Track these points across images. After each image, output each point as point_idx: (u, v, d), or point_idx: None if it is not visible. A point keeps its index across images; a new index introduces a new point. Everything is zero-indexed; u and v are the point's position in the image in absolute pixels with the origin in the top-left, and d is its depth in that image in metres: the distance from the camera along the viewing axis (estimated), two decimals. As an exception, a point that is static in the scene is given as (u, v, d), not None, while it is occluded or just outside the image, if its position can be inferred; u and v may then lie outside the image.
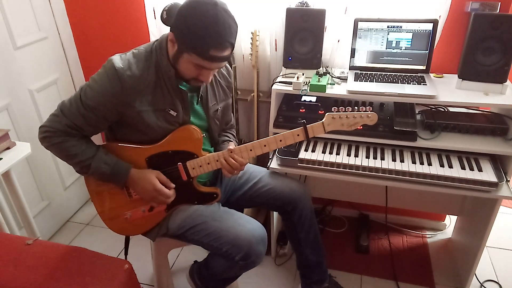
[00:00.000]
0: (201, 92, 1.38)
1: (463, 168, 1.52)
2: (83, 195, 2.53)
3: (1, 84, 1.84)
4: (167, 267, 1.66)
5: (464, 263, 1.90)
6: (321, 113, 1.72)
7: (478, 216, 1.76)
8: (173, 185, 1.37)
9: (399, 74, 1.70)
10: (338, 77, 1.74)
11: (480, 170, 1.51)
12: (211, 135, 1.48)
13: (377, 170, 1.56)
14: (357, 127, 1.33)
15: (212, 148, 1.51)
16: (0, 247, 1.34)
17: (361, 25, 1.70)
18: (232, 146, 1.41)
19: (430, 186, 1.53)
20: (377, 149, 1.65)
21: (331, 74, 1.75)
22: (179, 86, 1.30)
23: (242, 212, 1.51)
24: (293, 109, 1.77)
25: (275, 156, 1.68)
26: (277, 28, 1.88)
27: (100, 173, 1.31)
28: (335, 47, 1.86)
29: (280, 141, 1.34)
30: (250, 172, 1.62)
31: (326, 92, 1.63)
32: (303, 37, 1.73)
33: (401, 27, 1.67)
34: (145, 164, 1.36)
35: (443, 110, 1.74)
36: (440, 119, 1.63)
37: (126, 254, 1.62)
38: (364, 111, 1.31)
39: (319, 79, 1.67)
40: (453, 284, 1.91)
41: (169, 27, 1.21)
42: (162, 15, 1.20)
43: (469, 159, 1.57)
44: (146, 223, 1.44)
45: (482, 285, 1.90)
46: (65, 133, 1.27)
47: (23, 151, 1.61)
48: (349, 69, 1.78)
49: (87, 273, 1.25)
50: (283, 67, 1.83)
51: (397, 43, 1.70)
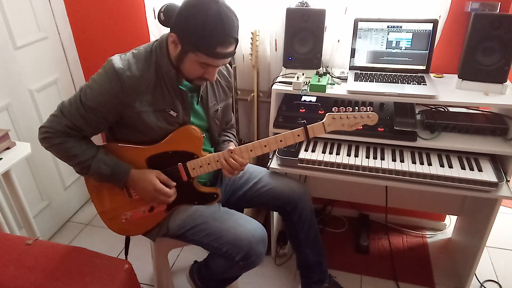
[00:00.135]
0: (201, 92, 1.38)
1: (463, 168, 1.52)
2: (83, 195, 2.53)
3: (1, 84, 1.84)
4: (167, 267, 1.66)
5: (464, 263, 1.90)
6: (321, 113, 1.72)
7: (478, 216, 1.76)
8: (174, 184, 1.37)
9: (399, 74, 1.70)
10: (338, 77, 1.74)
11: (480, 170, 1.51)
12: (211, 135, 1.48)
13: (377, 170, 1.56)
14: (358, 127, 1.33)
15: (212, 148, 1.51)
16: (0, 247, 1.34)
17: (361, 25, 1.70)
18: (232, 146, 1.41)
19: (430, 186, 1.53)
20: (377, 149, 1.65)
21: (331, 74, 1.75)
22: (179, 87, 1.30)
23: (242, 212, 1.51)
24: (293, 109, 1.77)
25: (275, 156, 1.68)
26: (277, 28, 1.88)
27: (100, 174, 1.31)
28: (335, 47, 1.86)
29: (281, 141, 1.34)
30: (250, 172, 1.62)
31: (326, 92, 1.63)
32: (303, 37, 1.73)
33: (401, 27, 1.67)
34: (145, 165, 1.36)
35: (443, 110, 1.74)
36: (440, 119, 1.63)
37: (127, 254, 1.62)
38: (364, 111, 1.31)
39: (319, 79, 1.67)
40: (453, 284, 1.91)
41: (168, 28, 1.21)
42: (159, 16, 1.19)
43: (469, 159, 1.57)
44: (146, 223, 1.44)
45: (482, 285, 1.90)
46: (65, 133, 1.27)
47: (23, 151, 1.61)
48: (349, 69, 1.78)
49: (87, 273, 1.25)
50: (283, 67, 1.83)
51: (397, 43, 1.70)
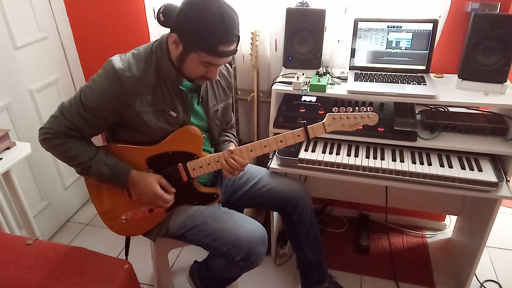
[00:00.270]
0: (201, 93, 1.38)
1: (463, 168, 1.52)
2: (83, 195, 2.53)
3: (1, 84, 1.84)
4: (167, 267, 1.66)
5: (464, 263, 1.90)
6: (321, 113, 1.72)
7: (478, 216, 1.76)
8: (174, 190, 1.37)
9: (399, 74, 1.70)
10: (338, 77, 1.74)
11: (480, 170, 1.51)
12: (211, 135, 1.48)
13: (377, 170, 1.56)
14: (358, 127, 1.33)
15: (213, 148, 1.50)
16: (0, 247, 1.34)
17: (361, 25, 1.70)
18: (232, 146, 1.41)
19: (430, 186, 1.53)
20: (377, 149, 1.65)
21: (331, 74, 1.75)
22: (179, 87, 1.30)
23: (242, 212, 1.51)
24: (293, 109, 1.77)
25: (275, 156, 1.68)
26: (277, 28, 1.88)
27: (100, 175, 1.31)
28: (335, 47, 1.86)
29: (281, 141, 1.34)
30: (250, 172, 1.62)
31: (326, 92, 1.63)
32: (303, 37, 1.73)
33: (401, 27, 1.67)
34: (145, 165, 1.36)
35: (443, 110, 1.74)
36: (440, 119, 1.63)
37: (127, 254, 1.62)
38: (364, 111, 1.30)
39: (319, 79, 1.67)
40: (453, 284, 1.91)
41: (168, 29, 1.21)
42: (158, 17, 1.19)
43: (469, 159, 1.57)
44: (146, 223, 1.44)
45: (482, 285, 1.90)
46: (65, 134, 1.27)
47: (23, 151, 1.61)
48: (349, 69, 1.78)
49: (87, 273, 1.25)
50: (283, 67, 1.83)
51: (397, 43, 1.69)
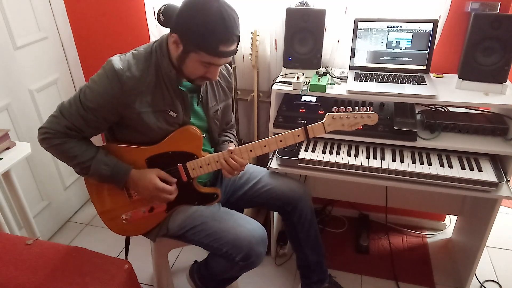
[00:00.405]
0: (201, 93, 1.38)
1: (463, 168, 1.52)
2: (83, 195, 2.53)
3: (1, 84, 1.84)
4: (167, 267, 1.66)
5: (464, 263, 1.90)
6: (321, 113, 1.72)
7: (478, 216, 1.76)
8: (175, 180, 1.36)
9: (399, 74, 1.70)
10: (338, 77, 1.74)
11: (480, 170, 1.51)
12: (211, 135, 1.48)
13: (377, 170, 1.56)
14: (358, 127, 1.33)
15: (212, 148, 1.50)
16: (0, 247, 1.34)
17: (361, 25, 1.70)
18: (232, 146, 1.41)
19: (430, 186, 1.53)
20: (377, 149, 1.65)
21: (331, 74, 1.75)
22: (179, 87, 1.30)
23: (242, 212, 1.51)
24: (293, 109, 1.77)
25: (275, 156, 1.68)
26: (277, 28, 1.88)
27: (100, 175, 1.31)
28: (335, 47, 1.86)
29: (280, 141, 1.34)
30: (250, 172, 1.62)
31: (326, 92, 1.63)
32: (303, 37, 1.73)
33: (401, 27, 1.67)
34: (145, 165, 1.36)
35: (443, 110, 1.74)
36: (440, 119, 1.63)
37: (127, 255, 1.62)
38: (364, 111, 1.30)
39: (319, 79, 1.67)
40: (453, 284, 1.91)
41: (168, 29, 1.21)
42: (158, 18, 1.19)
43: (469, 159, 1.57)
44: (146, 223, 1.44)
45: (482, 285, 1.90)
46: (65, 134, 1.27)
47: (23, 151, 1.61)
48: (349, 69, 1.78)
49: (87, 273, 1.25)
50: (283, 67, 1.83)
51: (397, 43, 1.69)
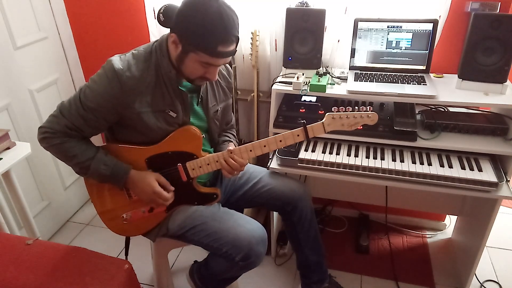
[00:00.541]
0: (201, 93, 1.38)
1: (463, 168, 1.52)
2: (83, 195, 2.53)
3: (1, 84, 1.84)
4: (167, 267, 1.66)
5: (464, 263, 1.90)
6: (321, 113, 1.72)
7: (478, 216, 1.76)
8: (173, 188, 1.37)
9: (399, 74, 1.70)
10: (338, 77, 1.74)
11: (480, 170, 1.51)
12: (211, 135, 1.48)
13: (377, 170, 1.56)
14: (358, 127, 1.33)
15: (212, 148, 1.50)
16: (0, 247, 1.34)
17: (361, 25, 1.70)
18: (232, 146, 1.41)
19: (430, 186, 1.53)
20: (377, 149, 1.65)
21: (331, 74, 1.75)
22: (179, 87, 1.30)
23: (242, 212, 1.51)
24: (293, 109, 1.77)
25: (275, 156, 1.68)
26: (277, 28, 1.88)
27: (100, 174, 1.31)
28: (335, 47, 1.86)
29: (280, 141, 1.34)
30: (250, 172, 1.62)
31: (326, 92, 1.63)
32: (303, 37, 1.73)
33: (401, 27, 1.67)
34: (144, 165, 1.36)
35: (443, 110, 1.74)
36: (440, 119, 1.63)
37: (127, 255, 1.62)
38: (364, 111, 1.30)
39: (319, 79, 1.67)
40: (453, 284, 1.91)
41: (168, 29, 1.21)
42: (159, 18, 1.19)
43: (469, 159, 1.57)
44: (146, 223, 1.44)
45: (482, 285, 1.90)
46: (64, 134, 1.27)
47: (23, 151, 1.61)
48: (349, 69, 1.78)
49: (87, 273, 1.25)
50: (283, 67, 1.83)
51: (397, 43, 1.69)
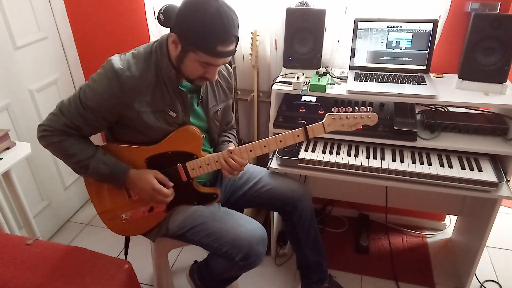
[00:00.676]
0: (201, 93, 1.38)
1: (463, 168, 1.52)
2: (83, 195, 2.53)
3: (1, 84, 1.84)
4: (167, 267, 1.66)
5: (464, 263, 1.90)
6: (321, 113, 1.72)
7: (478, 216, 1.76)
8: (172, 184, 1.37)
9: (399, 74, 1.70)
10: (338, 77, 1.74)
11: (480, 170, 1.51)
12: (210, 136, 1.48)
13: (377, 170, 1.56)
14: (358, 127, 1.33)
15: (212, 148, 1.50)
16: (0, 247, 1.34)
17: (361, 25, 1.70)
18: (232, 146, 1.41)
19: (430, 186, 1.53)
20: (377, 149, 1.65)
21: (331, 74, 1.75)
22: (179, 87, 1.30)
23: (242, 212, 1.51)
24: (293, 109, 1.77)
25: (275, 156, 1.68)
26: (277, 28, 1.88)
27: (99, 174, 1.31)
28: (335, 47, 1.86)
29: (280, 141, 1.34)
30: (250, 172, 1.62)
31: (326, 92, 1.63)
32: (303, 37, 1.73)
33: (401, 27, 1.67)
34: (144, 165, 1.36)
35: (443, 110, 1.74)
36: (440, 119, 1.63)
37: (126, 254, 1.62)
38: (364, 111, 1.30)
39: (319, 79, 1.67)
40: (453, 284, 1.91)
41: (168, 29, 1.21)
42: (159, 18, 1.19)
43: (469, 159, 1.57)
44: (146, 223, 1.44)
45: (482, 285, 1.90)
46: (64, 132, 1.27)
47: (23, 151, 1.61)
48: (349, 69, 1.78)
49: (87, 273, 1.25)
50: (283, 67, 1.83)
51: (397, 43, 1.69)
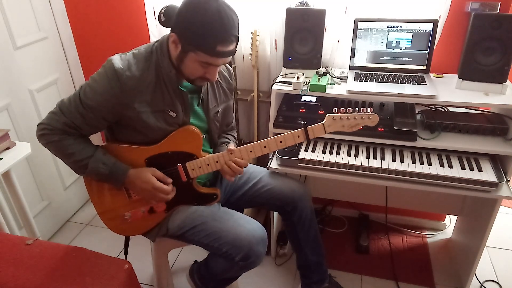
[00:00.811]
0: (202, 94, 1.38)
1: (463, 168, 1.52)
2: (83, 195, 2.53)
3: (1, 84, 1.84)
4: (167, 267, 1.66)
5: (464, 263, 1.90)
6: (321, 113, 1.72)
7: (478, 216, 1.76)
8: (171, 180, 1.36)
9: (399, 74, 1.70)
10: (338, 77, 1.74)
11: (480, 170, 1.51)
12: (210, 136, 1.48)
13: (377, 170, 1.56)
14: (358, 128, 1.33)
15: (211, 149, 1.50)
16: (0, 247, 1.34)
17: (361, 25, 1.70)
18: (232, 146, 1.41)
19: (430, 186, 1.53)
20: (377, 149, 1.65)
21: (331, 74, 1.75)
22: (180, 87, 1.30)
23: (242, 212, 1.51)
24: (293, 109, 1.77)
25: (275, 156, 1.68)
26: (277, 28, 1.88)
27: (98, 173, 1.30)
28: (335, 47, 1.86)
29: (280, 142, 1.34)
30: (250, 172, 1.62)
31: (326, 92, 1.63)
32: (303, 37, 1.73)
33: (401, 27, 1.67)
34: (144, 165, 1.36)
35: (443, 110, 1.74)
36: (440, 119, 1.63)
37: (126, 254, 1.62)
38: (364, 112, 1.30)
39: (319, 79, 1.67)
40: (453, 284, 1.91)
41: (169, 29, 1.21)
42: (159, 18, 1.19)
43: (469, 159, 1.57)
44: (145, 223, 1.44)
45: (482, 285, 1.90)
46: (63, 131, 1.27)
47: (23, 151, 1.61)
48: (349, 69, 1.78)
49: (87, 273, 1.25)
50: (283, 67, 1.83)
51: (397, 43, 1.69)
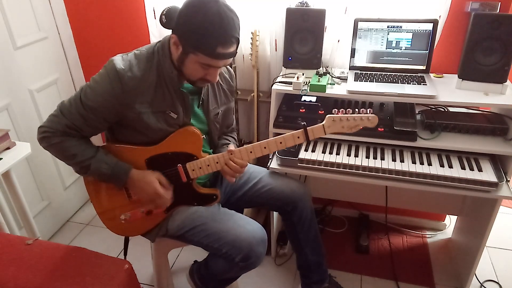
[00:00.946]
0: (202, 96, 1.38)
1: (463, 168, 1.52)
2: (83, 195, 2.53)
3: (1, 84, 1.84)
4: (167, 267, 1.66)
5: (464, 263, 1.90)
6: (321, 113, 1.72)
7: (478, 216, 1.76)
8: (171, 189, 1.37)
9: (399, 74, 1.70)
10: (338, 77, 1.74)
11: (480, 170, 1.51)
12: (210, 137, 1.48)
13: (377, 170, 1.56)
14: (358, 129, 1.33)
15: (211, 150, 1.50)
16: (0, 247, 1.34)
17: (361, 25, 1.70)
18: (232, 147, 1.41)
19: (430, 186, 1.53)
20: (377, 149, 1.65)
21: (331, 74, 1.75)
22: (180, 88, 1.30)
23: (242, 212, 1.51)
24: (293, 109, 1.77)
25: (275, 156, 1.68)
26: (277, 28, 1.88)
27: (100, 174, 1.30)
28: (335, 47, 1.86)
29: (280, 143, 1.34)
30: (250, 172, 1.62)
31: (326, 92, 1.63)
32: (303, 37, 1.73)
33: (401, 27, 1.67)
34: (144, 165, 1.36)
35: (443, 110, 1.74)
36: (440, 119, 1.63)
37: (126, 254, 1.62)
38: (364, 113, 1.30)
39: (319, 79, 1.67)
40: (453, 284, 1.91)
41: (170, 30, 1.21)
42: (161, 19, 1.19)
43: (469, 159, 1.57)
44: (145, 223, 1.44)
45: (482, 285, 1.90)
46: (64, 133, 1.27)
47: (23, 151, 1.61)
48: (349, 69, 1.78)
49: (87, 273, 1.25)
50: (283, 67, 1.83)
51: (397, 43, 1.69)
